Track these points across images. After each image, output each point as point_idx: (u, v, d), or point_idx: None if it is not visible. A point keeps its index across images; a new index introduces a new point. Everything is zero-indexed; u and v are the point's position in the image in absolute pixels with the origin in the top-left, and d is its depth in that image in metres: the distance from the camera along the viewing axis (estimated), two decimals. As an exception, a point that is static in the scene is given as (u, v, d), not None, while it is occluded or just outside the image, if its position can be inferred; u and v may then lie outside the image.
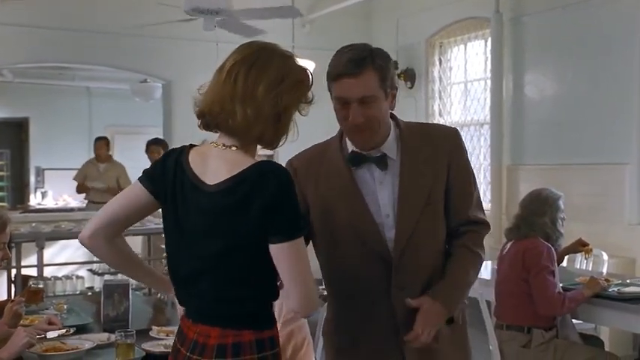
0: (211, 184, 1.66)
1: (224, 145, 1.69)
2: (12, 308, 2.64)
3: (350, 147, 1.98)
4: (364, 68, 1.85)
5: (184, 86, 7.66)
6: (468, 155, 2.09)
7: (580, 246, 3.93)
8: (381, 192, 1.95)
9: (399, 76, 7.50)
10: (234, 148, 1.68)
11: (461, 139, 2.05)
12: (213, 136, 1.78)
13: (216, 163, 1.68)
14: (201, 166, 1.70)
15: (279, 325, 1.80)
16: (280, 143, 1.73)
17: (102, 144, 7.92)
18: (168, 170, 1.73)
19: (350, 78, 1.85)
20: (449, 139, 2.02)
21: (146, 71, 8.15)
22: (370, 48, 1.92)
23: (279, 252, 1.62)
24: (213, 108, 1.69)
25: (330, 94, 1.93)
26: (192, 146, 1.77)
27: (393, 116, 2.01)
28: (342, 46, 1.93)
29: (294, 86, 1.69)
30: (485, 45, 6.94)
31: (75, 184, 7.89)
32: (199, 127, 1.76)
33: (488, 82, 6.76)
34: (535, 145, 6.30)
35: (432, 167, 1.95)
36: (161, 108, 8.25)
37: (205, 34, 6.38)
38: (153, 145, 6.90)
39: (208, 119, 1.71)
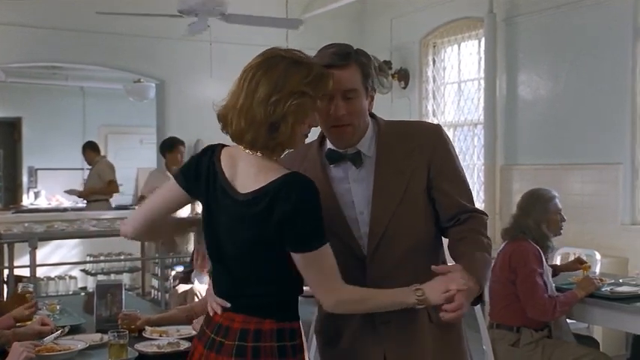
0: (240, 192, 1.75)
1: (251, 150, 1.76)
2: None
3: (329, 145, 2.01)
4: (349, 62, 1.89)
5: (178, 86, 7.67)
6: (458, 153, 2.06)
7: (578, 264, 3.94)
8: (356, 189, 1.96)
9: (392, 76, 7.51)
10: (259, 154, 1.75)
11: (443, 135, 2.03)
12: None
13: (245, 167, 1.77)
14: (230, 168, 1.78)
15: None
16: (282, 154, 1.80)
17: (86, 149, 8.03)
18: (202, 169, 1.83)
19: (335, 70, 1.86)
20: (429, 136, 2.00)
21: (140, 71, 8.13)
22: (352, 47, 1.96)
23: (298, 261, 1.73)
24: (223, 114, 1.79)
25: None
26: (223, 146, 1.85)
27: (372, 115, 2.03)
28: (324, 46, 1.96)
29: (291, 95, 1.70)
30: (479, 45, 6.95)
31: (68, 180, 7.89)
32: (222, 130, 1.83)
33: (482, 82, 6.77)
34: (528, 146, 6.31)
35: (409, 164, 1.94)
36: (155, 108, 8.22)
37: (199, 34, 6.37)
38: (179, 144, 6.74)
39: (222, 124, 1.81)
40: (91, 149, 8.05)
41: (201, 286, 4.66)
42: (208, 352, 1.79)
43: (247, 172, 1.76)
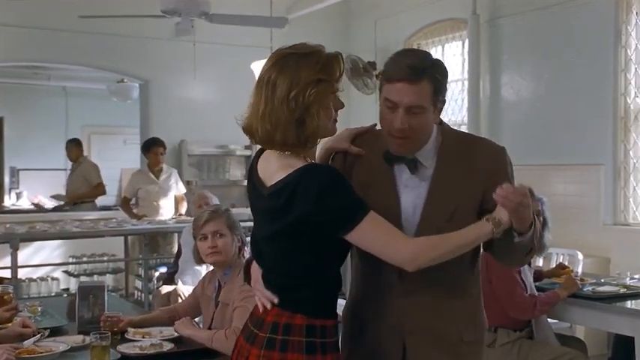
0: (268, 186, 1.81)
1: (282, 150, 1.80)
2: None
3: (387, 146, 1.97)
4: (422, 78, 1.84)
5: (162, 86, 7.64)
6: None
7: (560, 269, 3.95)
8: (405, 195, 1.93)
9: (377, 76, 7.52)
10: (287, 153, 1.80)
11: (506, 159, 1.98)
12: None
13: (271, 165, 1.82)
14: (265, 169, 1.84)
15: None
16: (316, 144, 1.84)
17: (69, 146, 7.89)
18: (250, 169, 1.93)
19: (406, 84, 1.83)
20: (492, 159, 1.95)
21: (123, 71, 8.08)
22: (432, 59, 1.91)
23: (355, 241, 1.76)
24: (247, 125, 1.83)
25: (380, 92, 1.92)
26: (263, 150, 1.89)
27: (440, 122, 2.00)
28: (404, 49, 1.95)
29: (307, 86, 1.74)
30: (463, 46, 6.98)
31: (51, 181, 7.74)
32: (251, 142, 1.92)
33: (466, 83, 6.80)
34: (511, 146, 6.20)
35: (467, 184, 1.90)
36: (138, 108, 8.18)
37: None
38: (155, 146, 6.76)
39: (249, 135, 1.85)
40: (76, 146, 7.91)
41: (184, 287, 4.64)
42: (245, 342, 1.86)
43: (276, 169, 1.80)
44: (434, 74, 1.86)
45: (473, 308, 2.00)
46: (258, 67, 6.25)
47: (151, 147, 6.74)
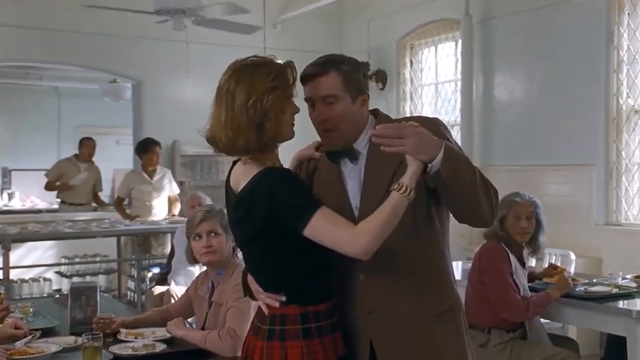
0: (232, 197, 1.95)
1: (245, 156, 1.92)
2: None
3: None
4: (327, 69, 1.97)
5: (154, 86, 7.62)
6: None
7: (552, 269, 3.95)
8: (351, 185, 2.02)
9: (370, 77, 7.51)
10: (249, 161, 1.91)
11: (440, 126, 1.99)
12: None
13: (239, 174, 1.93)
14: (233, 179, 1.96)
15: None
16: (276, 148, 1.95)
17: (92, 144, 7.72)
18: (225, 182, 2.03)
19: (314, 78, 1.97)
20: (426, 127, 1.91)
21: (116, 71, 8.07)
22: (337, 56, 2.04)
23: (308, 236, 1.83)
24: (211, 134, 1.93)
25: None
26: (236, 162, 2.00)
27: (375, 113, 2.08)
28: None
29: (265, 93, 1.87)
30: (456, 47, 7.00)
31: (43, 181, 7.60)
32: (215, 150, 1.96)
33: (459, 83, 6.81)
34: (504, 146, 6.36)
35: (397, 159, 1.89)
36: (131, 108, 8.15)
37: (175, 35, 6.33)
38: (154, 145, 6.74)
39: (212, 143, 1.94)
40: (94, 147, 7.77)
41: (177, 288, 4.63)
42: (252, 337, 2.00)
43: (238, 177, 1.92)
44: (339, 65, 1.97)
45: (434, 281, 2.01)
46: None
47: (149, 147, 6.73)
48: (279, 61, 1.93)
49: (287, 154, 2.13)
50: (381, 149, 1.82)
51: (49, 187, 7.62)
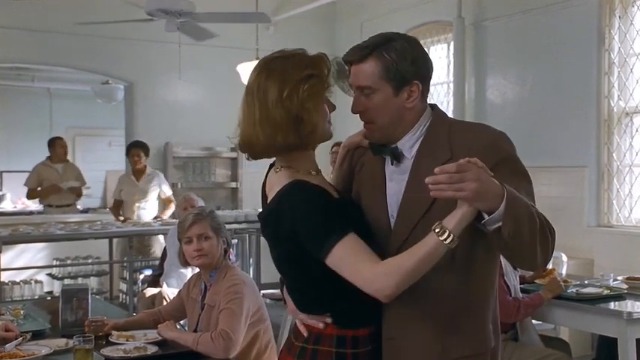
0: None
1: (276, 167, 1.79)
2: None
3: None
4: (365, 56, 1.74)
5: (147, 88, 7.60)
6: None
7: (543, 271, 3.96)
8: (391, 189, 1.79)
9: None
10: (277, 170, 1.78)
11: (503, 148, 1.80)
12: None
13: (270, 183, 1.80)
14: (268, 185, 1.81)
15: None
16: (316, 146, 1.79)
17: (64, 143, 7.66)
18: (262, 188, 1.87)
19: (354, 65, 1.76)
20: (486, 150, 1.72)
21: (108, 73, 8.04)
22: (387, 37, 1.76)
23: (329, 265, 1.66)
24: (244, 137, 1.77)
25: None
26: (272, 165, 1.85)
27: (436, 110, 1.86)
28: None
29: (299, 83, 1.71)
30: (448, 49, 7.01)
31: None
32: (247, 159, 1.84)
33: (451, 85, 6.82)
34: (496, 148, 6.37)
35: None
36: (123, 110, 8.13)
37: (168, 36, 6.32)
38: (133, 148, 6.78)
39: (247, 148, 1.79)
40: (65, 144, 7.66)
41: (169, 290, 4.62)
42: (284, 352, 1.87)
43: (269, 185, 1.79)
44: (382, 52, 1.72)
45: (464, 320, 1.74)
46: (244, 69, 6.24)
47: (129, 149, 6.79)
48: (309, 53, 1.78)
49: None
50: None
51: (31, 195, 7.49)
